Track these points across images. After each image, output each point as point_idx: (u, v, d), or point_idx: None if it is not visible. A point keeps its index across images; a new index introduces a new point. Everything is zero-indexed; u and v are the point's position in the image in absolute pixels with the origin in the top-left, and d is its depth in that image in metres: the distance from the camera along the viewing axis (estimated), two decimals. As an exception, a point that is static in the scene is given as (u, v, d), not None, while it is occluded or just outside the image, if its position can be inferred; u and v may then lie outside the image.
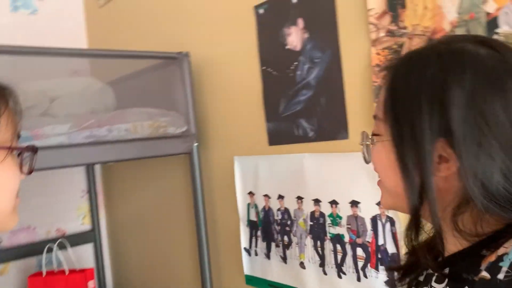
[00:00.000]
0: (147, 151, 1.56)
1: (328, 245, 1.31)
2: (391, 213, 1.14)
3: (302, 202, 1.38)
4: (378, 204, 1.16)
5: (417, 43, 1.04)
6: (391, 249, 1.15)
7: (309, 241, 1.37)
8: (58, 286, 1.94)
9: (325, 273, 1.33)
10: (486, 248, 0.52)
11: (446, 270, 0.56)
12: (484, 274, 0.50)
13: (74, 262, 2.02)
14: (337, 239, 1.28)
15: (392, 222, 1.14)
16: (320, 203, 1.32)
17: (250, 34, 1.47)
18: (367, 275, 1.21)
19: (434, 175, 0.54)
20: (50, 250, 2.02)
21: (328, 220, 1.30)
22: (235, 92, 1.58)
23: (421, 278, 0.63)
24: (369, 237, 1.20)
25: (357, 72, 1.17)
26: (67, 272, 1.97)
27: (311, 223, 1.36)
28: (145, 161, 1.92)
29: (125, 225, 2.28)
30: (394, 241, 1.14)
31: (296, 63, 1.33)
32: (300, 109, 1.33)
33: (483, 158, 0.51)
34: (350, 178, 1.22)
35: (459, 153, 0.52)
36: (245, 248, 1.61)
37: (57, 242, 2.03)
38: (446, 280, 0.56)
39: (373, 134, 0.64)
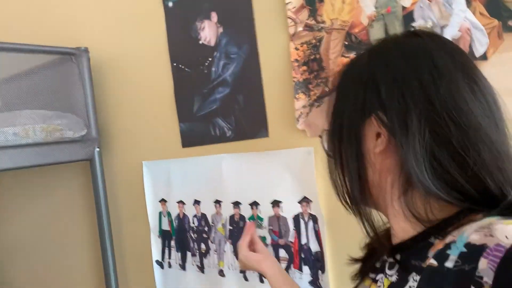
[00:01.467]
0: (40, 158, 1.36)
1: (249, 249, 1.25)
2: (313, 211, 1.12)
3: (220, 206, 1.30)
4: (300, 202, 1.13)
5: (336, 37, 1.04)
6: (314, 247, 1.13)
7: (228, 247, 1.30)
8: None
9: (246, 279, 1.27)
10: (434, 236, 0.52)
11: (398, 257, 0.56)
12: (432, 261, 0.49)
13: None
14: (259, 242, 1.23)
15: (315, 220, 1.12)
16: (240, 206, 1.26)
17: (159, 28, 1.37)
18: (291, 276, 1.17)
19: (373, 153, 0.56)
20: None
21: (249, 223, 1.24)
22: (142, 91, 1.46)
23: (378, 265, 0.63)
24: (291, 237, 1.17)
25: (276, 68, 1.14)
26: None
27: (231, 227, 1.29)
28: (38, 170, 1.70)
29: (12, 248, 1.99)
30: (317, 239, 1.12)
31: (210, 59, 1.26)
32: (217, 107, 1.26)
33: (410, 134, 0.51)
34: (271, 177, 1.18)
35: (390, 126, 0.53)
36: (157, 261, 1.49)
37: None
38: (397, 266, 0.56)
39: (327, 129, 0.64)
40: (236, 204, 1.27)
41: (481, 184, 0.50)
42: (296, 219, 1.15)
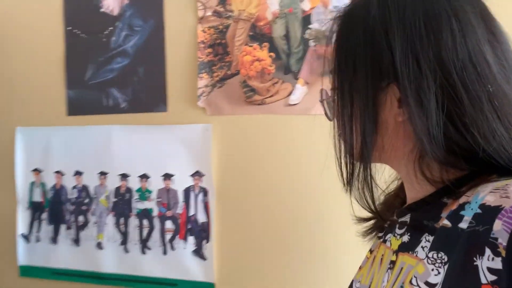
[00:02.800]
0: None
1: (133, 221, 1.27)
2: (205, 184, 1.20)
3: (106, 177, 1.29)
4: (193, 175, 1.20)
5: (242, 27, 1.15)
6: (202, 218, 1.21)
7: (111, 219, 1.29)
8: None
9: (126, 251, 1.28)
10: (447, 196, 0.51)
11: (407, 217, 0.55)
12: (446, 222, 0.48)
13: None
14: (144, 213, 1.26)
15: (205, 192, 1.20)
16: (128, 178, 1.27)
17: (54, -11, 1.30)
18: (175, 247, 1.23)
19: (394, 120, 0.53)
20: None
21: (136, 195, 1.26)
22: (27, 52, 1.35)
23: (386, 224, 0.62)
24: (180, 209, 1.23)
25: (182, 46, 1.20)
26: None
27: (115, 199, 1.29)
28: None
29: None
30: (205, 210, 1.20)
31: (111, 28, 1.25)
32: (113, 77, 1.26)
33: (426, 103, 0.49)
34: (166, 151, 1.22)
35: (404, 97, 0.50)
36: (22, 234, 1.38)
37: None
38: (406, 226, 0.55)
39: (332, 89, 0.58)
40: (124, 176, 1.27)
41: (498, 155, 0.48)
42: (187, 191, 1.22)
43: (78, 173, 1.32)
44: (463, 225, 0.45)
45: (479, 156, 0.48)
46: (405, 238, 0.54)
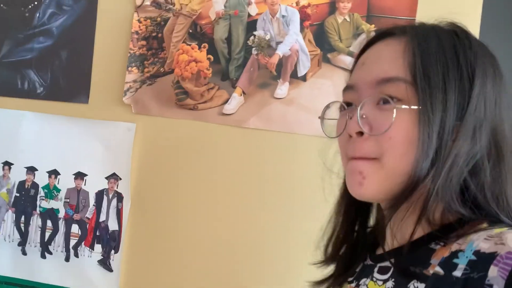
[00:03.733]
0: None
1: (36, 221, 1.13)
2: (120, 189, 1.08)
3: (10, 169, 1.14)
4: (108, 178, 1.09)
5: (181, 22, 1.05)
6: (113, 226, 1.09)
7: (10, 215, 1.15)
8: None
9: (24, 253, 1.13)
10: (436, 241, 0.50)
11: (387, 262, 0.54)
12: (438, 269, 0.47)
13: None
14: (49, 214, 1.12)
15: (120, 198, 1.08)
16: (36, 172, 1.13)
17: (-25, -52, 1.14)
18: (79, 254, 1.10)
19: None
20: None
21: (42, 192, 1.13)
22: None
23: (357, 269, 0.60)
24: (89, 213, 1.10)
25: (114, 34, 1.08)
26: None
27: (17, 194, 1.14)
28: None
29: None
30: (118, 217, 1.09)
31: (36, 2, 1.11)
32: (32, 57, 1.12)
33: (477, 143, 0.51)
34: (81, 147, 1.10)
35: (458, 137, 0.50)
36: None
37: None
38: (391, 271, 0.53)
39: (396, 99, 0.52)
40: (31, 169, 1.13)
41: (497, 202, 0.50)
42: (99, 194, 1.10)
43: (-22, 160, 1.16)
44: (457, 273, 0.45)
45: (481, 206, 0.50)
46: (389, 284, 0.53)
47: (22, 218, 1.14)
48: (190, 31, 1.05)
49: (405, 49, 0.53)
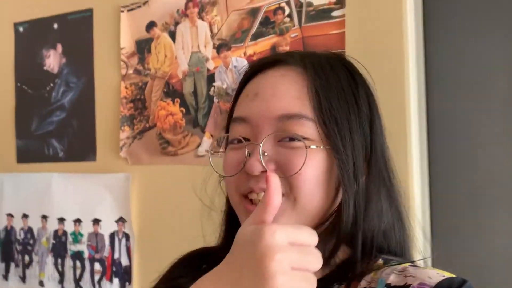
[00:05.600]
0: None
1: (68, 262, 1.36)
2: (127, 230, 1.28)
3: (46, 221, 1.40)
4: (117, 221, 1.29)
5: (157, 84, 1.24)
6: (124, 262, 1.28)
7: (50, 259, 1.39)
8: None
9: (64, 290, 1.37)
10: (337, 282, 0.50)
11: None
12: None
13: None
14: (77, 255, 1.35)
15: (127, 237, 1.28)
16: (65, 222, 1.37)
17: (8, 50, 1.45)
18: (102, 287, 1.31)
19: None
20: None
21: (70, 238, 1.36)
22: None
23: None
24: (106, 252, 1.31)
25: (108, 101, 1.30)
26: None
27: (54, 241, 1.39)
28: None
29: None
30: (127, 254, 1.28)
31: (52, 84, 1.38)
32: (52, 129, 1.38)
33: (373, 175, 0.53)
34: (94, 197, 1.32)
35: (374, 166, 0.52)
36: (-21, 271, 1.51)
37: None
38: None
39: (303, 138, 0.51)
40: (61, 220, 1.37)
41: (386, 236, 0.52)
42: (112, 236, 1.30)
43: (24, 216, 1.44)
44: None
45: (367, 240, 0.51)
46: None
47: (59, 260, 1.38)
48: (165, 90, 1.23)
49: (306, 85, 0.52)
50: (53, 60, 1.38)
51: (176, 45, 1.21)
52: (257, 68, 0.57)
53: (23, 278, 1.44)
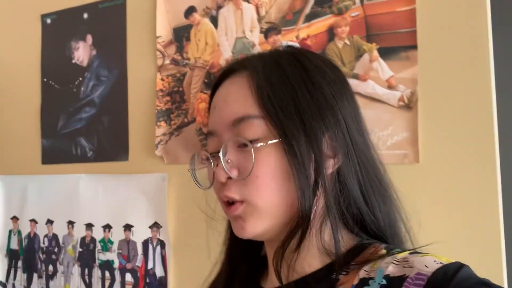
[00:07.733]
0: None
1: (97, 273, 1.24)
2: (162, 236, 1.15)
3: (73, 227, 1.28)
4: (151, 227, 1.16)
5: (197, 74, 1.12)
6: (159, 272, 1.15)
7: (76, 269, 1.27)
8: None
9: (91, 304, 1.24)
10: (338, 271, 0.50)
11: None
12: None
13: None
14: (106, 265, 1.22)
15: (162, 245, 1.15)
16: (93, 228, 1.25)
17: (34, 43, 1.35)
18: (135, 301, 1.18)
19: (326, 173, 0.51)
20: None
21: (99, 246, 1.24)
22: (5, 102, 1.41)
23: None
24: (139, 261, 1.18)
25: (142, 95, 1.19)
26: None
27: (81, 249, 1.27)
28: None
29: None
30: (163, 264, 1.15)
31: (81, 78, 1.28)
32: (81, 127, 1.27)
33: (350, 163, 0.52)
34: (126, 201, 1.19)
35: (341, 149, 0.52)
36: (0, 282, 1.39)
37: None
38: None
39: (250, 141, 0.52)
40: (89, 226, 1.25)
41: (378, 220, 0.52)
42: (145, 243, 1.17)
43: (49, 222, 1.32)
44: None
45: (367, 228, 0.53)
46: None
47: (86, 271, 1.26)
48: (206, 80, 1.11)
49: (250, 84, 0.53)
50: (82, 52, 1.28)
51: (219, 31, 1.10)
52: (217, 82, 0.59)
53: (46, 290, 1.32)
